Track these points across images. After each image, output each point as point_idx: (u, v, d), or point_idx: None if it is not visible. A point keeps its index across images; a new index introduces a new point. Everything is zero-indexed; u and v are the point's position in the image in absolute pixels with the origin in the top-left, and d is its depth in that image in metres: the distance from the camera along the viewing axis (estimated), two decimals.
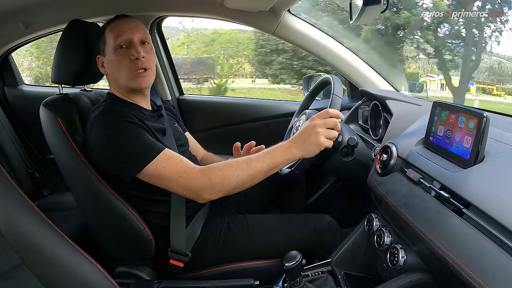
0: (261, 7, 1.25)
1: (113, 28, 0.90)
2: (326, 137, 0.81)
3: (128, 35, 0.89)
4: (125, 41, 0.89)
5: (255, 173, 0.81)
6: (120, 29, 0.89)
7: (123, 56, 0.88)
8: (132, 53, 0.88)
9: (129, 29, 0.89)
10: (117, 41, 0.88)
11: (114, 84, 0.94)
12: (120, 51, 0.88)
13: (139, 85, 0.90)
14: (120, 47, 0.88)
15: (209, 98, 1.74)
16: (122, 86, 0.92)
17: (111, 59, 0.90)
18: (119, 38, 0.88)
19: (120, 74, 0.90)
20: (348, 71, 1.40)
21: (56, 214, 1.28)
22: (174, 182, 0.82)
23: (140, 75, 0.89)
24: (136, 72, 0.89)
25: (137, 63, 0.88)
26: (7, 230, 0.51)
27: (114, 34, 0.89)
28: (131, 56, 0.88)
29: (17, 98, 1.59)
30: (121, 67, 0.89)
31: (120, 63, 0.89)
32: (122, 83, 0.91)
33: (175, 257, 0.92)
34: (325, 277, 0.92)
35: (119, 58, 0.88)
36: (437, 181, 0.67)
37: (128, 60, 0.88)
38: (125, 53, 0.88)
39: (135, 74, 0.89)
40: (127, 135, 0.82)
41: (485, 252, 0.51)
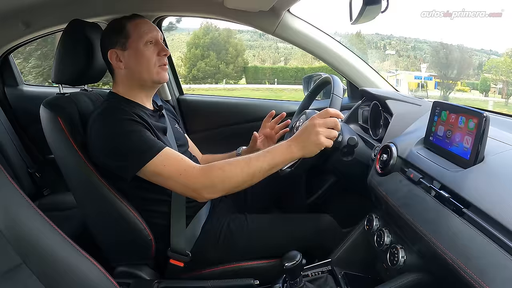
0: (261, 7, 1.25)
1: (138, 24, 0.94)
2: (326, 136, 0.81)
3: (155, 33, 0.94)
4: (153, 38, 0.94)
5: (255, 172, 0.81)
6: (147, 26, 0.94)
7: (152, 51, 0.93)
8: (162, 49, 0.94)
9: (153, 28, 0.95)
10: (146, 37, 0.92)
11: (127, 80, 0.94)
12: (150, 45, 0.93)
13: (163, 79, 0.96)
14: (150, 42, 0.93)
15: (209, 98, 1.74)
16: (143, 79, 0.94)
17: (137, 53, 0.92)
18: (148, 34, 0.93)
19: (146, 67, 0.93)
20: (348, 71, 1.40)
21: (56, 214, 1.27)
22: (174, 180, 0.82)
23: (164, 69, 0.95)
24: (161, 67, 0.94)
25: (164, 59, 0.95)
26: (7, 230, 0.51)
27: (143, 30, 0.93)
28: (161, 52, 0.94)
29: (17, 98, 1.59)
30: (150, 61, 0.93)
31: (149, 57, 0.92)
32: (146, 77, 0.94)
33: (175, 257, 0.93)
34: (325, 277, 0.92)
35: (148, 53, 0.92)
36: (437, 181, 0.67)
37: (155, 55, 0.93)
38: (154, 49, 0.93)
39: (160, 68, 0.94)
40: (128, 134, 0.82)
41: (485, 252, 0.51)
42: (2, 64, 1.54)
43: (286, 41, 1.39)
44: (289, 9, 1.30)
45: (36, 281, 0.52)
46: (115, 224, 0.91)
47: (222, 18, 1.38)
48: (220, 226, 0.98)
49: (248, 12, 1.30)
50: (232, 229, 0.98)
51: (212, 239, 0.96)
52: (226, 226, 0.98)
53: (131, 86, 0.95)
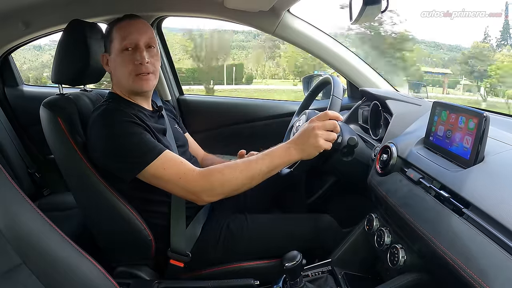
0: (261, 7, 1.25)
1: (120, 28, 0.90)
2: (325, 139, 0.82)
3: (135, 37, 0.88)
4: (131, 44, 0.89)
5: (254, 175, 0.82)
6: (127, 30, 0.89)
7: (127, 59, 0.88)
8: (136, 58, 0.88)
9: (136, 31, 0.89)
10: (123, 43, 0.88)
11: (117, 84, 0.95)
12: (126, 53, 0.88)
13: (141, 88, 0.91)
14: (126, 49, 0.88)
15: (209, 98, 1.74)
16: (125, 87, 0.93)
17: (116, 59, 0.90)
18: (125, 40, 0.88)
19: (123, 76, 0.90)
20: (348, 71, 1.39)
21: (56, 214, 1.28)
22: (173, 183, 0.82)
23: (143, 78, 0.90)
24: (139, 76, 0.89)
25: (140, 67, 0.88)
26: (7, 230, 0.51)
27: (121, 35, 0.89)
28: (135, 61, 0.88)
29: (17, 98, 1.59)
30: (125, 69, 0.89)
31: (124, 65, 0.89)
32: (124, 85, 0.92)
33: (175, 257, 0.92)
34: (325, 277, 0.92)
35: (124, 60, 0.89)
36: (437, 181, 0.67)
37: (132, 63, 0.88)
38: (130, 56, 0.88)
39: (137, 77, 0.89)
40: (128, 135, 0.82)
41: (485, 252, 0.51)
42: (2, 64, 1.54)
43: (286, 41, 1.39)
44: (289, 9, 1.30)
45: (36, 281, 0.52)
46: (115, 224, 0.91)
47: (222, 18, 1.38)
48: (220, 226, 0.98)
49: (248, 12, 1.30)
50: (232, 229, 0.98)
51: (212, 239, 0.96)
52: (226, 226, 0.98)
53: (123, 90, 0.94)
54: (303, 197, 1.23)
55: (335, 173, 1.14)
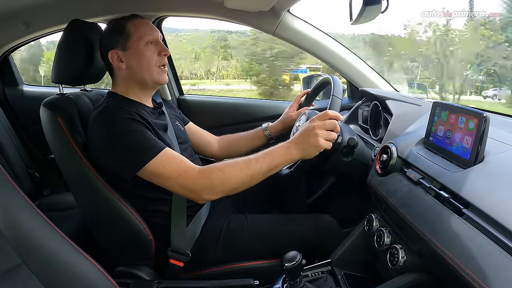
0: (261, 7, 1.25)
1: (139, 24, 0.94)
2: (325, 139, 0.82)
3: (155, 33, 0.95)
4: (154, 38, 0.94)
5: (254, 174, 0.82)
6: (147, 26, 0.94)
7: (152, 51, 0.93)
8: (163, 49, 0.94)
9: (154, 29, 0.96)
10: (147, 37, 0.92)
11: (127, 80, 0.94)
12: (150, 45, 0.93)
13: (163, 80, 0.96)
14: (150, 42, 0.93)
15: (209, 98, 1.74)
16: (144, 79, 0.94)
17: (138, 53, 0.92)
18: (149, 34, 0.93)
19: (147, 67, 0.93)
20: (348, 71, 1.39)
21: (56, 214, 1.28)
22: (173, 181, 0.82)
23: (164, 70, 0.96)
24: (161, 68, 0.95)
25: (164, 59, 0.95)
26: (7, 230, 0.51)
27: (143, 30, 0.93)
28: (161, 52, 0.94)
29: (17, 98, 1.59)
30: (150, 61, 0.93)
31: (149, 57, 0.93)
32: (145, 76, 0.93)
33: (175, 256, 0.93)
34: (325, 277, 0.92)
35: (149, 53, 0.92)
36: (437, 181, 0.67)
37: (156, 55, 0.93)
38: (154, 49, 0.93)
39: (160, 69, 0.94)
40: (129, 133, 0.82)
41: (485, 252, 0.51)
42: (2, 64, 1.54)
43: (286, 41, 1.39)
44: (289, 9, 1.30)
45: (36, 281, 0.52)
46: (115, 224, 0.91)
47: (222, 18, 1.38)
48: (220, 226, 0.98)
49: (248, 12, 1.30)
50: (232, 229, 0.98)
51: (212, 239, 0.96)
52: (226, 226, 0.98)
53: (132, 86, 0.95)
54: (303, 197, 1.23)
55: (335, 173, 1.14)
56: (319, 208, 1.19)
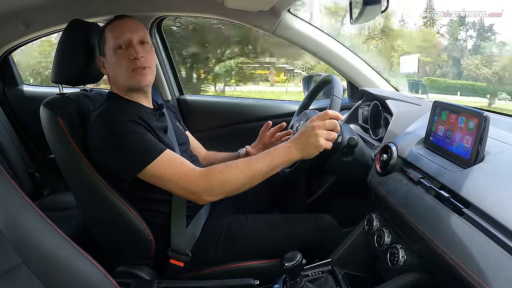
0: (261, 7, 1.25)
1: (112, 28, 0.91)
2: (325, 138, 0.82)
3: (127, 35, 0.89)
4: (125, 42, 0.89)
5: (254, 175, 0.82)
6: (119, 29, 0.90)
7: (122, 56, 0.89)
8: (131, 53, 0.88)
9: (128, 30, 0.90)
10: (116, 42, 0.89)
11: (115, 85, 0.95)
12: (120, 51, 0.89)
13: (138, 84, 0.91)
14: (119, 47, 0.89)
15: (209, 98, 1.74)
16: (122, 86, 0.92)
17: (111, 59, 0.90)
18: (118, 38, 0.89)
19: (120, 74, 0.90)
20: (348, 71, 1.40)
21: (56, 214, 1.28)
22: (174, 183, 0.82)
23: (138, 73, 0.89)
24: (135, 71, 0.89)
25: (135, 62, 0.88)
26: (7, 230, 0.51)
27: (114, 35, 0.89)
28: (130, 56, 0.88)
29: (17, 98, 1.59)
30: (120, 67, 0.89)
31: (119, 63, 0.89)
32: (121, 83, 0.92)
33: (175, 256, 0.92)
34: (325, 277, 0.92)
35: (118, 58, 0.89)
36: (437, 181, 0.67)
37: (127, 60, 0.88)
38: (124, 53, 0.89)
39: (133, 72, 0.89)
40: (129, 135, 0.82)
41: (485, 251, 0.51)
42: (2, 64, 1.54)
43: (286, 41, 1.39)
44: (289, 9, 1.30)
45: (36, 281, 0.52)
46: (115, 224, 0.91)
47: (222, 18, 1.38)
48: (220, 226, 0.98)
49: (248, 12, 1.30)
50: (232, 229, 0.98)
51: (212, 239, 0.96)
52: (226, 226, 0.98)
53: (121, 90, 0.94)
54: (303, 197, 1.23)
55: (335, 172, 1.14)
56: (319, 208, 1.19)
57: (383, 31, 4.65)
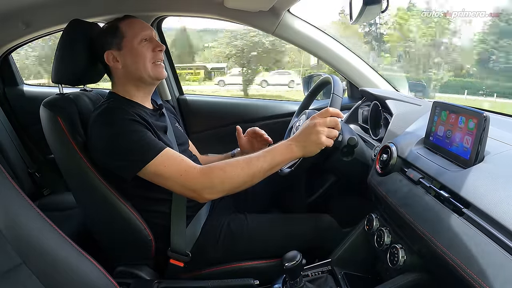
0: (261, 7, 1.25)
1: (131, 23, 0.95)
2: (326, 136, 0.81)
3: (148, 31, 0.95)
4: (147, 35, 0.94)
5: (255, 172, 0.81)
6: (139, 25, 0.95)
7: (147, 48, 0.93)
8: (156, 45, 0.95)
9: (147, 27, 0.96)
10: (140, 35, 0.93)
11: (125, 79, 0.95)
12: (144, 43, 0.93)
13: (160, 75, 0.96)
14: (144, 40, 0.93)
15: (209, 98, 1.74)
16: (141, 76, 0.94)
17: (132, 52, 0.92)
18: (142, 32, 0.93)
19: (143, 65, 0.93)
20: (348, 71, 1.40)
21: (56, 214, 1.28)
22: (174, 181, 0.82)
23: (160, 65, 0.95)
24: (157, 64, 0.94)
25: (160, 54, 0.95)
26: (7, 230, 0.51)
27: (136, 29, 0.94)
28: (156, 48, 0.94)
29: (17, 98, 1.59)
30: (145, 58, 0.93)
31: (143, 54, 0.93)
32: (142, 74, 0.93)
33: (175, 256, 0.93)
34: (325, 277, 0.92)
35: (143, 50, 0.93)
36: (437, 181, 0.67)
37: (150, 51, 0.94)
38: (149, 45, 0.94)
39: (156, 65, 0.94)
40: (129, 133, 0.82)
41: (485, 252, 0.51)
42: (2, 64, 1.54)
43: (286, 41, 1.40)
44: (289, 9, 1.30)
45: (36, 281, 0.52)
46: (115, 224, 0.91)
47: (222, 18, 1.38)
48: (220, 226, 0.98)
49: (248, 12, 1.30)
50: (232, 229, 0.98)
51: (212, 239, 0.96)
52: (226, 226, 0.98)
53: (130, 85, 0.95)
54: (303, 197, 1.23)
55: (335, 172, 1.14)
56: (319, 208, 1.19)
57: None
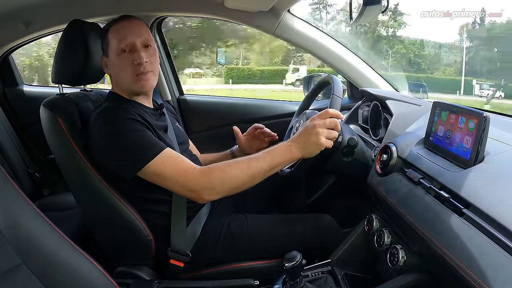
0: (261, 7, 1.25)
1: (116, 30, 0.90)
2: (326, 137, 0.81)
3: (131, 38, 0.88)
4: (128, 45, 0.88)
5: (254, 173, 0.82)
6: (123, 31, 0.89)
7: (126, 60, 0.88)
8: (135, 58, 0.87)
9: (133, 32, 0.89)
10: (120, 45, 0.88)
11: (117, 85, 0.95)
12: (123, 55, 0.88)
13: (142, 89, 0.91)
14: (123, 51, 0.88)
15: (209, 98, 1.74)
16: (125, 88, 0.93)
17: (114, 62, 0.90)
18: (122, 41, 0.88)
19: (123, 77, 0.90)
20: (348, 71, 1.39)
21: (56, 214, 1.28)
22: (174, 181, 0.82)
23: (142, 79, 0.89)
24: (139, 76, 0.89)
25: (139, 67, 0.88)
26: (7, 230, 0.51)
27: (117, 37, 0.89)
28: (134, 61, 0.88)
29: (17, 98, 1.59)
30: (124, 71, 0.89)
31: (123, 67, 0.89)
32: (125, 86, 0.92)
33: (175, 257, 0.92)
34: (325, 277, 0.92)
35: (122, 62, 0.88)
36: (437, 181, 0.67)
37: (131, 64, 0.88)
38: (128, 57, 0.88)
39: (137, 78, 0.89)
40: (130, 133, 0.82)
41: (485, 252, 0.51)
42: (2, 64, 1.54)
43: (286, 41, 1.40)
44: (289, 9, 1.30)
45: (36, 281, 0.52)
46: (115, 224, 0.91)
47: (222, 18, 1.38)
48: (220, 226, 0.98)
49: (248, 12, 1.30)
50: (232, 229, 0.98)
51: (212, 239, 0.96)
52: (226, 226, 0.98)
53: (123, 91, 0.94)
54: (303, 197, 1.23)
55: (335, 173, 1.14)
56: (319, 208, 1.18)
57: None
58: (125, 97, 0.94)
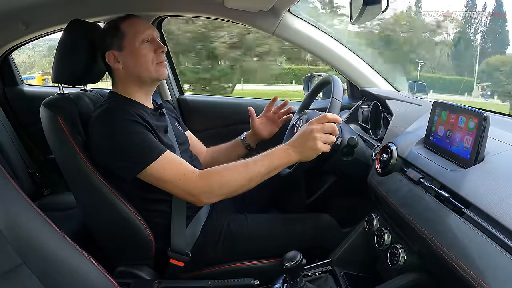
0: (261, 7, 1.25)
1: (132, 24, 0.94)
2: (323, 142, 0.82)
3: (149, 31, 0.94)
4: (149, 36, 0.93)
5: (252, 177, 0.83)
6: (140, 25, 0.94)
7: (147, 49, 0.92)
8: (158, 46, 0.94)
9: (149, 27, 0.95)
10: (142, 36, 0.92)
11: (126, 80, 0.95)
12: (146, 44, 0.93)
13: (163, 75, 0.95)
14: (145, 41, 0.92)
15: (209, 98, 1.74)
16: (142, 77, 0.94)
17: (134, 52, 0.92)
18: (143, 33, 0.92)
19: (144, 65, 0.92)
20: (348, 71, 1.39)
21: (56, 214, 1.28)
22: (173, 184, 0.83)
23: (162, 65, 0.95)
24: (160, 64, 0.94)
25: (161, 56, 0.94)
26: (7, 230, 0.51)
27: (137, 29, 0.93)
28: (158, 49, 0.93)
29: (17, 98, 1.59)
30: (146, 59, 0.92)
31: (145, 55, 0.92)
32: (145, 75, 0.93)
33: (175, 256, 0.93)
34: (325, 277, 0.92)
35: (145, 51, 0.92)
36: (437, 181, 0.67)
37: (152, 52, 0.93)
38: (149, 47, 0.93)
39: (158, 65, 0.94)
40: (130, 135, 0.83)
41: (485, 252, 0.51)
42: (2, 64, 1.54)
43: (286, 41, 1.39)
44: (289, 9, 1.30)
45: (36, 281, 0.52)
46: (115, 224, 0.91)
47: (222, 18, 1.38)
48: (220, 226, 0.98)
49: (248, 12, 1.30)
50: (232, 229, 0.98)
51: (212, 239, 0.96)
52: (226, 226, 0.98)
53: (131, 85, 0.95)
54: (303, 197, 1.23)
55: (335, 172, 1.14)
56: (319, 208, 1.18)
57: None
58: (126, 96, 0.94)
